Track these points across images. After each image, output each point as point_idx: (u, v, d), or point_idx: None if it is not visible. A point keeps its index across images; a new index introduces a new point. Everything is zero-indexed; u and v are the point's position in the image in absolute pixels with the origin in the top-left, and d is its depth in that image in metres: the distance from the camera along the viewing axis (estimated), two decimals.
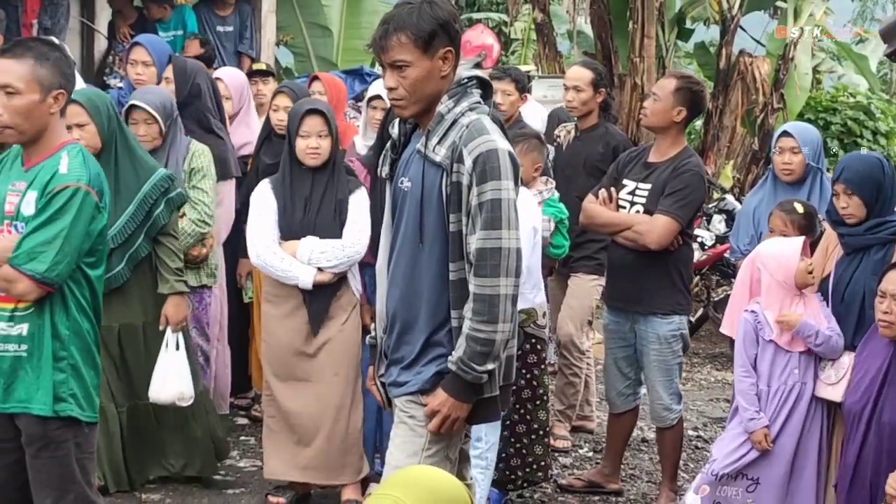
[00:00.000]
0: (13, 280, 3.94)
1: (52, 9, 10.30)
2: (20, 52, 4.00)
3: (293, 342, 5.68)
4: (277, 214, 5.66)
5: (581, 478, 6.48)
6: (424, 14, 3.75)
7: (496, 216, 3.74)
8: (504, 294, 3.75)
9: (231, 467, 6.38)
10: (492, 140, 3.77)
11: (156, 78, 6.77)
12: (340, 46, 15.77)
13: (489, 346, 3.75)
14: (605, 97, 7.12)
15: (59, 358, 4.04)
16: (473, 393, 3.82)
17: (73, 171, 4.01)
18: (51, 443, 4.05)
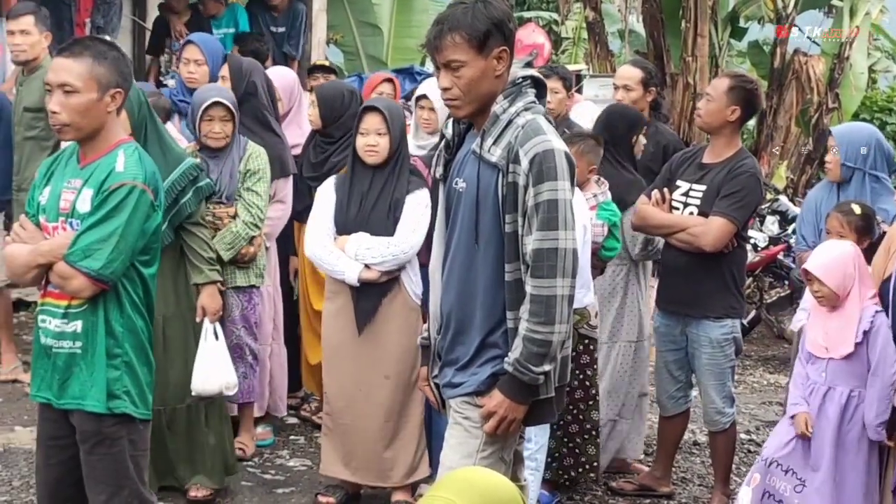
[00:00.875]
0: (68, 276, 3.96)
1: (105, 8, 10.39)
2: (78, 51, 4.02)
3: (342, 340, 5.68)
4: (335, 209, 5.65)
5: (632, 481, 6.43)
6: (479, 13, 3.73)
7: (553, 217, 3.72)
8: (561, 295, 3.73)
9: (281, 466, 6.38)
10: (548, 140, 3.75)
11: (208, 76, 6.79)
12: (390, 45, 15.81)
13: (546, 348, 3.73)
14: (655, 96, 7.06)
15: (113, 355, 4.06)
16: (530, 394, 3.81)
17: (130, 169, 4.02)
18: (105, 439, 4.07)
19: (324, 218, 5.68)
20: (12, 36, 7.36)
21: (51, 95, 4.00)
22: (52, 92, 3.99)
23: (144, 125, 5.42)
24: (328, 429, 5.78)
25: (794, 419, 5.22)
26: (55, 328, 4.07)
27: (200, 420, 5.63)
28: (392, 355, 5.60)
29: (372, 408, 5.64)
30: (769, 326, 10.58)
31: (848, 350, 5.09)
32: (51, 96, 4.00)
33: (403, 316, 5.62)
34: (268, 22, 10.77)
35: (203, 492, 5.67)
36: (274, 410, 6.76)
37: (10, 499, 5.65)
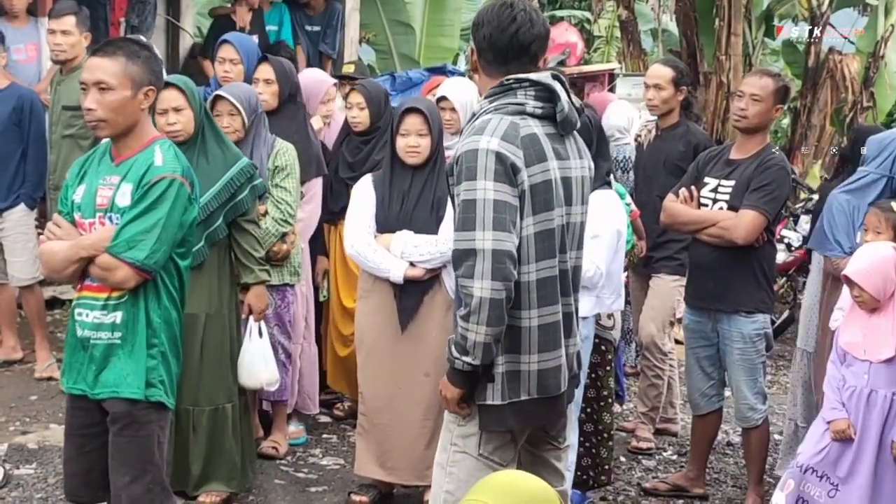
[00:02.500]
0: (113, 268, 4.06)
1: (140, 7, 10.45)
2: (112, 51, 4.15)
3: (382, 339, 5.69)
4: (375, 208, 5.67)
5: (665, 481, 6.42)
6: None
7: (469, 217, 3.69)
8: (476, 296, 3.66)
9: (314, 465, 6.41)
10: (476, 140, 3.73)
11: (242, 76, 6.81)
12: (423, 44, 15.80)
13: (464, 341, 3.73)
14: (686, 95, 7.05)
15: (151, 345, 4.18)
16: (459, 378, 3.82)
17: (168, 163, 4.14)
18: (135, 422, 4.16)
19: (365, 215, 5.69)
20: (53, 35, 7.41)
21: (86, 94, 4.12)
22: (88, 90, 4.12)
23: (204, 123, 5.49)
24: (363, 429, 5.78)
25: (830, 424, 5.18)
26: (93, 320, 4.16)
27: (226, 424, 5.62)
28: (432, 352, 5.59)
29: (411, 406, 5.64)
30: None
31: (889, 354, 5.07)
32: (86, 94, 4.12)
33: (443, 312, 5.63)
34: (302, 21, 10.79)
35: (214, 497, 5.65)
36: (303, 408, 6.77)
37: (45, 496, 5.70)
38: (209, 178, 5.40)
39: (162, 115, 5.43)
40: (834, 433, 5.12)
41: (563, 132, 3.93)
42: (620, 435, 7.28)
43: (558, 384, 3.91)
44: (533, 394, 3.85)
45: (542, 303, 3.82)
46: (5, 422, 6.82)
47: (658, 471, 6.77)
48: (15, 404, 7.16)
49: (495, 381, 3.82)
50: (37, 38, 9.04)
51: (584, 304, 4.51)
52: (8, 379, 7.70)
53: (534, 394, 3.85)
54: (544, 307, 3.82)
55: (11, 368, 7.89)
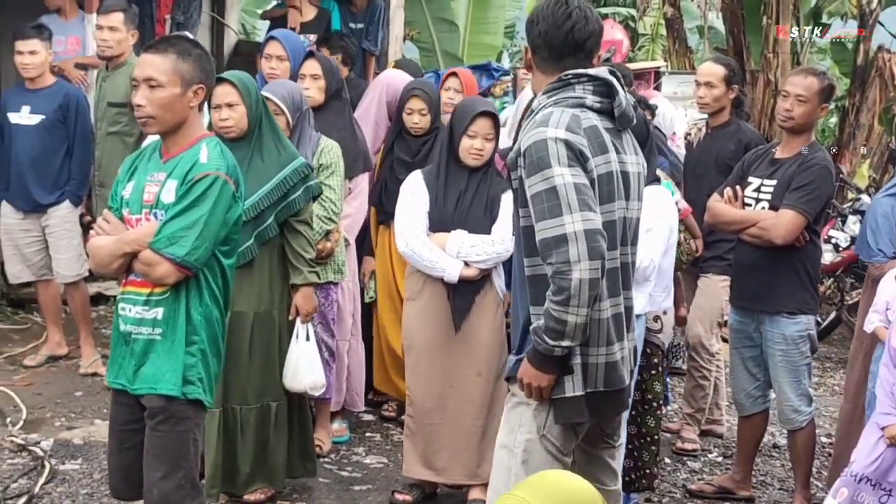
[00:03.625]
0: (154, 263, 4.07)
1: (185, 4, 10.48)
2: (163, 48, 4.17)
3: (434, 340, 5.66)
4: (429, 205, 5.64)
5: (711, 483, 6.37)
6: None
7: (554, 204, 3.66)
8: (576, 278, 3.63)
9: (357, 464, 6.40)
10: (542, 131, 3.73)
11: (289, 73, 6.80)
12: (466, 41, 15.80)
13: (561, 326, 3.68)
14: (737, 94, 6.99)
15: (190, 342, 4.17)
16: (546, 364, 3.78)
17: (213, 160, 4.14)
18: (172, 417, 4.16)
19: (418, 213, 5.66)
20: (100, 31, 7.46)
21: (136, 90, 4.13)
22: (139, 86, 4.13)
23: (260, 122, 5.48)
24: (411, 430, 5.75)
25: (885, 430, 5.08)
26: (135, 315, 4.18)
27: (273, 423, 5.61)
28: (484, 351, 5.60)
29: (463, 405, 5.63)
30: (850, 328, 10.39)
31: None
32: (136, 91, 4.13)
33: (493, 311, 5.63)
34: (346, 18, 10.78)
35: (259, 495, 5.64)
36: (351, 406, 6.77)
37: (90, 491, 5.72)
38: (263, 176, 5.40)
39: (216, 111, 5.43)
40: (889, 438, 5.03)
41: (620, 127, 3.94)
42: (665, 436, 7.23)
43: (623, 377, 3.93)
44: (600, 386, 3.86)
45: (611, 293, 3.84)
46: (51, 417, 6.87)
47: (703, 473, 6.71)
48: (60, 400, 7.21)
49: (574, 372, 3.81)
50: (80, 33, 9.09)
51: (637, 301, 4.48)
52: (53, 375, 7.76)
53: (600, 386, 3.86)
54: (612, 298, 3.85)
55: (57, 364, 7.96)
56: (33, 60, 7.56)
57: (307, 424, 5.84)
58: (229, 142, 5.29)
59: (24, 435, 6.45)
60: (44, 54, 7.60)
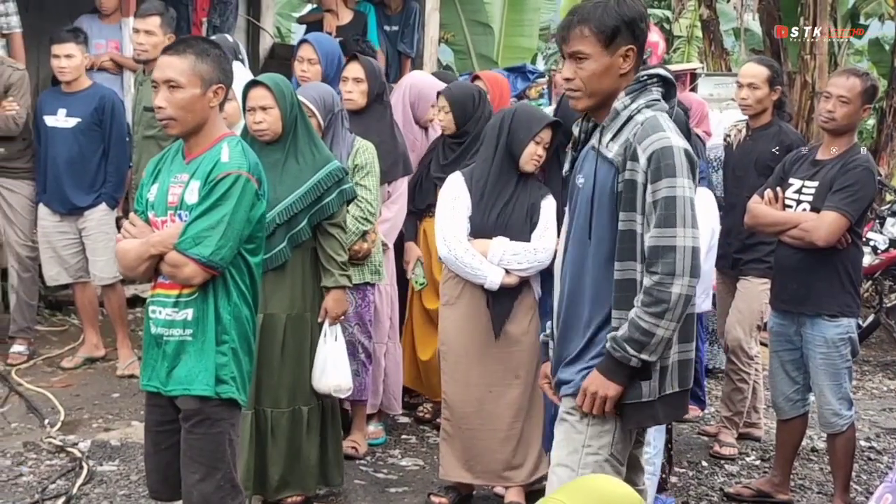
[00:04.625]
0: (180, 264, 4.07)
1: (222, 7, 10.51)
2: (182, 49, 4.18)
3: (473, 345, 5.64)
4: (471, 209, 5.62)
5: (749, 486, 6.32)
6: (610, 10, 3.73)
7: (671, 214, 3.66)
8: (676, 293, 3.67)
9: (393, 466, 6.39)
10: (666, 137, 3.70)
11: (320, 76, 6.80)
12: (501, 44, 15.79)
13: (648, 337, 3.68)
14: (780, 95, 6.94)
15: (221, 342, 4.17)
16: (620, 373, 3.74)
17: (234, 159, 4.14)
18: (207, 419, 4.17)
19: (459, 217, 5.63)
20: (137, 35, 7.48)
21: (157, 92, 4.15)
22: (159, 88, 4.14)
23: (295, 124, 5.48)
24: (447, 434, 5.74)
25: None
26: (165, 317, 4.18)
27: (304, 427, 5.60)
28: (522, 354, 5.59)
29: (501, 409, 5.62)
30: (888, 331, 10.30)
31: None
32: (157, 93, 4.15)
33: (529, 315, 5.61)
34: (381, 21, 10.79)
35: (295, 498, 5.64)
36: (388, 408, 6.77)
37: (128, 492, 5.74)
38: (297, 179, 5.40)
39: (250, 114, 5.43)
40: None
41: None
42: (702, 439, 7.21)
43: (691, 376, 3.92)
44: (675, 387, 3.85)
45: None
46: (88, 418, 6.90)
47: (741, 476, 6.66)
48: (98, 401, 7.24)
49: (651, 377, 3.78)
50: (119, 36, 9.14)
51: None
52: (90, 376, 7.79)
53: (675, 387, 3.85)
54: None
55: (94, 366, 7.99)
56: (69, 64, 7.59)
57: (338, 430, 5.83)
58: (263, 145, 5.30)
59: (62, 436, 6.47)
60: (79, 58, 7.64)
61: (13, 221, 7.93)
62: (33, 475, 5.92)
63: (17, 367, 7.80)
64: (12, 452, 6.18)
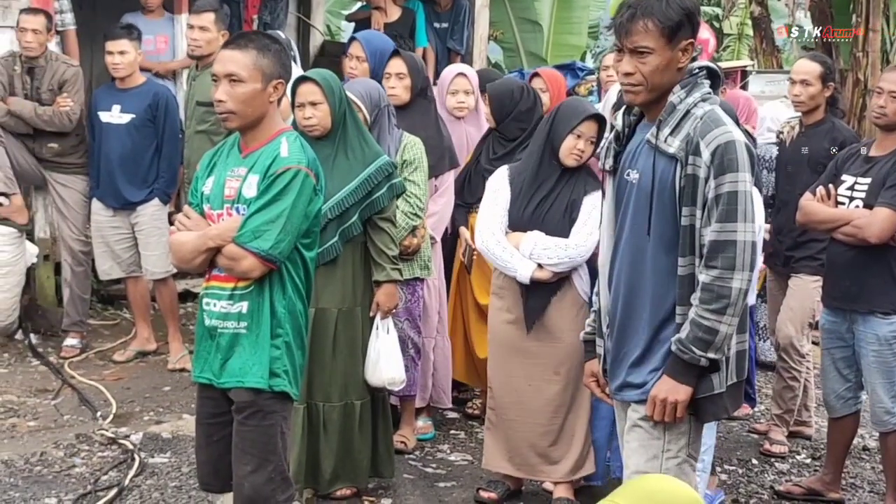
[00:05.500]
0: (239, 258, 4.08)
1: (272, 4, 10.59)
2: (244, 44, 4.18)
3: (511, 337, 5.65)
4: (510, 203, 5.63)
5: (800, 485, 6.28)
6: (673, 3, 3.68)
7: (732, 209, 3.65)
8: (736, 287, 3.66)
9: (442, 461, 6.41)
10: (729, 131, 3.68)
11: (368, 73, 6.82)
12: (550, 41, 15.76)
13: (711, 335, 3.67)
14: (832, 92, 6.88)
15: (275, 335, 4.18)
16: (691, 375, 3.73)
17: (294, 154, 4.15)
18: (259, 411, 4.18)
19: (497, 211, 5.64)
20: (191, 31, 7.54)
21: (217, 86, 4.15)
22: (219, 82, 4.14)
23: (344, 119, 5.50)
24: (491, 423, 5.76)
25: None
26: (220, 310, 4.20)
27: (354, 420, 5.61)
28: (562, 352, 5.56)
29: (541, 403, 5.61)
30: None
31: None
32: (216, 86, 4.15)
33: (573, 313, 5.57)
34: (431, 18, 10.81)
35: (345, 491, 5.67)
36: (437, 402, 6.79)
37: (179, 484, 5.78)
38: (347, 174, 5.42)
39: (300, 109, 5.46)
40: None
41: None
42: (752, 437, 7.17)
43: (746, 366, 3.91)
44: (734, 378, 3.84)
45: None
46: (140, 411, 6.96)
47: (791, 474, 6.62)
48: (149, 394, 7.31)
49: (720, 368, 3.77)
50: (169, 32, 9.23)
51: None
52: (142, 370, 7.86)
53: (734, 378, 3.84)
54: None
55: (146, 359, 8.07)
56: (123, 60, 7.67)
57: (389, 423, 5.85)
58: (313, 140, 5.32)
59: (114, 428, 6.54)
60: (133, 54, 7.71)
61: (67, 216, 8.03)
62: (86, 466, 5.99)
63: (70, 360, 7.90)
64: (65, 444, 6.24)
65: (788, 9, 14.84)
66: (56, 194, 8.03)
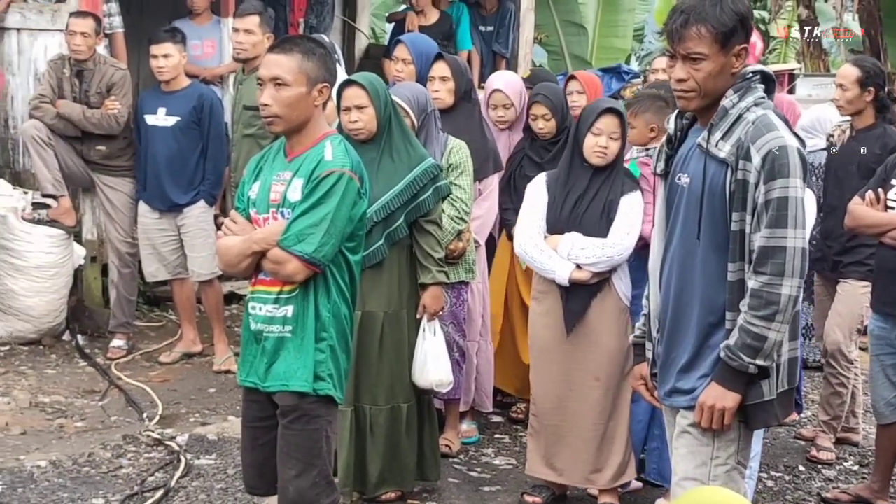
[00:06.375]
0: (283, 261, 4.09)
1: (319, 7, 10.63)
2: (289, 48, 4.19)
3: (551, 341, 5.64)
4: (547, 208, 5.62)
5: (847, 492, 6.22)
6: (726, 7, 3.63)
7: (782, 214, 3.61)
8: (785, 294, 3.62)
9: (487, 465, 6.40)
10: (781, 136, 3.64)
11: (414, 76, 6.83)
12: (595, 44, 15.72)
13: (760, 342, 3.63)
14: (876, 96, 6.80)
15: (320, 339, 4.18)
16: (739, 382, 3.69)
17: (338, 157, 4.15)
18: (304, 415, 4.18)
19: (535, 215, 5.65)
20: (236, 34, 7.58)
21: (262, 89, 4.16)
22: (264, 86, 4.15)
23: (389, 122, 5.51)
24: (534, 429, 5.75)
25: None
26: (266, 314, 4.20)
27: (401, 423, 5.62)
28: (602, 357, 5.54)
29: (582, 409, 5.59)
30: None
31: None
32: (262, 90, 4.16)
33: (613, 317, 5.55)
34: (476, 21, 10.81)
35: (390, 495, 5.67)
36: (480, 406, 6.77)
37: (225, 486, 5.80)
38: (393, 177, 5.43)
39: (345, 113, 5.47)
40: None
41: None
42: (799, 444, 7.12)
43: (798, 373, 3.89)
44: (785, 385, 3.80)
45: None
46: (185, 413, 7.00)
47: (838, 481, 6.56)
48: (194, 396, 7.35)
49: (770, 375, 3.73)
50: (216, 36, 9.29)
51: None
52: (188, 371, 7.91)
53: (785, 385, 3.80)
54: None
55: (191, 361, 8.11)
56: (167, 63, 7.71)
57: (435, 427, 5.85)
58: (359, 144, 5.32)
59: (160, 430, 6.57)
60: (177, 57, 7.75)
61: (114, 218, 8.09)
62: (133, 467, 6.02)
63: (116, 361, 7.96)
64: (112, 445, 6.28)
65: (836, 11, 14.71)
66: (103, 196, 8.10)
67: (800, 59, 14.80)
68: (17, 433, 6.51)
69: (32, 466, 5.92)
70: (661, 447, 5.80)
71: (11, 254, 7.95)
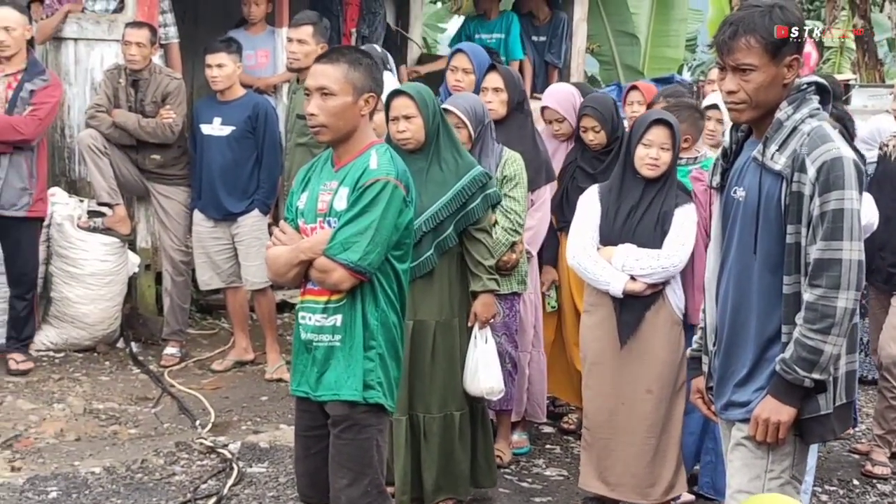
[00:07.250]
0: (329, 270, 4.11)
1: (370, 18, 10.65)
2: (335, 58, 4.22)
3: (602, 353, 5.62)
4: (600, 219, 5.61)
5: None
6: (776, 18, 3.61)
7: (838, 227, 3.58)
8: (842, 307, 3.58)
9: (538, 475, 6.39)
10: (836, 147, 3.61)
11: (474, 85, 6.83)
12: (647, 54, 15.65)
13: (816, 356, 3.59)
14: None
15: (368, 347, 4.20)
16: (794, 395, 3.66)
17: (383, 166, 4.16)
18: (355, 424, 4.20)
19: (588, 227, 5.63)
20: (290, 43, 7.63)
21: (309, 99, 4.19)
22: (311, 95, 4.18)
23: (438, 131, 5.52)
24: (587, 442, 5.73)
25: None
26: (315, 323, 4.23)
27: (454, 431, 5.62)
28: (654, 369, 5.52)
29: (634, 422, 5.57)
30: None
31: None
32: (309, 100, 4.19)
33: (667, 330, 5.53)
34: (529, 31, 10.80)
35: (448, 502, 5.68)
36: (532, 416, 6.76)
37: (277, 494, 5.82)
38: (442, 186, 5.44)
39: (393, 123, 5.49)
40: None
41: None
42: (853, 458, 7.05)
43: (856, 387, 3.85)
44: (843, 398, 3.77)
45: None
46: (237, 421, 7.03)
47: (894, 496, 6.50)
48: (246, 404, 7.38)
49: (827, 388, 3.71)
50: (270, 46, 9.33)
51: None
52: (240, 379, 7.95)
53: (843, 398, 3.77)
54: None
55: (243, 369, 8.15)
56: (221, 73, 7.76)
57: (489, 434, 5.85)
58: (407, 153, 5.33)
59: (213, 437, 6.61)
60: (231, 67, 7.79)
61: (168, 227, 8.15)
62: (185, 475, 6.06)
63: (169, 368, 8.01)
64: (165, 452, 6.33)
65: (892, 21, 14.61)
66: (158, 205, 8.17)
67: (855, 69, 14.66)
68: (72, 439, 6.57)
69: (86, 473, 5.98)
70: (715, 460, 5.77)
71: (67, 261, 8.04)
